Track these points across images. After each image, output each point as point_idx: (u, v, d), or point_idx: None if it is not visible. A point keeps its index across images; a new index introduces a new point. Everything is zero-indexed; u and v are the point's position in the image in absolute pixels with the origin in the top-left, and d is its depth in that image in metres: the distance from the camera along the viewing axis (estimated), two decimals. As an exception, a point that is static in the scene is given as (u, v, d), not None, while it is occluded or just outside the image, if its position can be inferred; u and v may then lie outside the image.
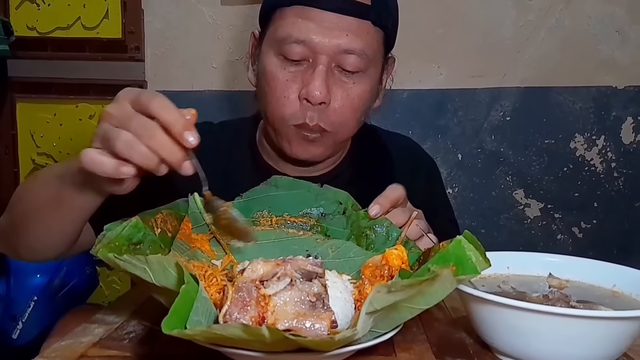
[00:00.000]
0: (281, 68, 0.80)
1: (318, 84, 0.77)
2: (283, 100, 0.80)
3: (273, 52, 0.81)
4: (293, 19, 0.78)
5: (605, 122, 1.60)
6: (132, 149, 0.51)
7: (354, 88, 0.81)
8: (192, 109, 0.53)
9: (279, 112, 0.81)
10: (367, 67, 0.81)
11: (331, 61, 0.79)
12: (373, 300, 0.41)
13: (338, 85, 0.80)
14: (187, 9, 1.58)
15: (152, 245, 0.55)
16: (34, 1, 1.58)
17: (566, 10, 1.56)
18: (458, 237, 0.49)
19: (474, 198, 1.63)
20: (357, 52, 0.78)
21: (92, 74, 1.59)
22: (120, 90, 0.56)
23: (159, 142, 0.52)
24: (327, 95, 0.78)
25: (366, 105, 0.84)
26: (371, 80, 0.83)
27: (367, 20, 0.79)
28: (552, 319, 0.48)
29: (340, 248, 0.65)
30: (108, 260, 0.46)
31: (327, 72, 0.78)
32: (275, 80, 0.80)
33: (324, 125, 0.80)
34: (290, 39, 0.78)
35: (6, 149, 1.64)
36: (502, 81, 1.59)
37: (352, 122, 0.83)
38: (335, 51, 0.78)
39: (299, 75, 0.79)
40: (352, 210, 0.68)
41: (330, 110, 0.80)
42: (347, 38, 0.78)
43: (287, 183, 0.69)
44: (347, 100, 0.80)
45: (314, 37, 0.77)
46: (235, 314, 0.44)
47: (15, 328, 1.27)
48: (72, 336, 0.56)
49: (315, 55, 0.78)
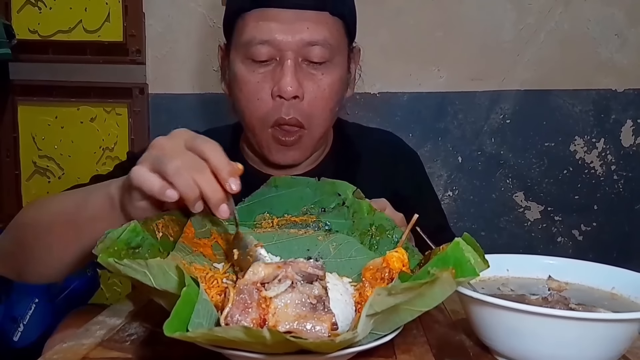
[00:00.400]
0: (250, 71, 0.83)
1: (289, 79, 0.80)
2: (257, 102, 0.83)
3: (240, 58, 0.84)
4: (254, 22, 0.82)
5: (604, 125, 1.61)
6: (180, 175, 0.54)
7: (324, 79, 0.84)
8: (240, 164, 0.58)
9: (255, 114, 0.84)
10: (333, 56, 0.84)
11: (297, 56, 0.82)
12: (373, 303, 0.41)
13: (308, 78, 0.83)
14: (188, 12, 1.58)
15: (151, 249, 0.55)
16: (35, 4, 1.58)
17: (565, 13, 1.56)
18: (457, 240, 0.49)
19: (474, 201, 1.64)
20: (321, 43, 0.82)
21: (93, 76, 1.60)
22: (176, 129, 0.60)
23: (205, 178, 0.55)
24: (299, 88, 0.81)
25: (338, 94, 0.87)
26: (339, 69, 0.86)
27: (324, 11, 0.83)
28: (550, 321, 0.48)
29: (341, 244, 0.65)
30: (108, 265, 0.46)
31: (296, 67, 0.81)
32: (247, 84, 0.83)
33: (300, 118, 0.83)
34: (254, 41, 0.81)
35: (7, 151, 1.64)
36: (502, 84, 1.59)
37: (326, 113, 0.86)
38: (300, 45, 0.81)
39: (268, 75, 0.82)
40: (354, 198, 0.68)
41: (304, 103, 0.83)
42: (309, 31, 0.81)
43: (286, 182, 0.70)
44: (318, 92, 0.83)
45: (277, 35, 0.80)
46: (237, 316, 0.45)
47: (16, 330, 1.27)
48: (74, 338, 0.56)
49: (281, 52, 0.81)
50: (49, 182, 1.63)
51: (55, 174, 1.63)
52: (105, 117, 1.61)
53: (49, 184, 1.63)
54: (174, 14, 1.59)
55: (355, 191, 0.69)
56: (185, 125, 0.64)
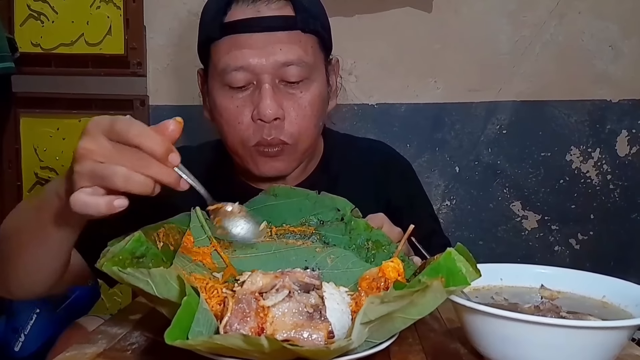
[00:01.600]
0: (229, 97, 0.83)
1: (268, 102, 0.80)
2: (238, 126, 0.83)
3: (218, 85, 0.84)
4: (227, 49, 0.82)
5: (600, 135, 1.63)
6: (130, 182, 0.52)
7: (303, 97, 0.83)
8: (177, 117, 0.55)
9: (237, 138, 0.84)
10: (310, 73, 0.83)
11: (274, 77, 0.81)
12: (367, 311, 0.43)
13: (287, 99, 0.83)
14: (189, 25, 1.60)
15: (155, 258, 0.57)
16: (38, 18, 1.61)
17: (560, 25, 1.59)
18: (449, 250, 0.51)
19: (472, 210, 1.65)
20: (296, 62, 0.81)
21: (95, 89, 1.62)
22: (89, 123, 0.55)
23: (150, 170, 0.53)
24: (278, 110, 0.81)
25: (319, 110, 0.87)
26: (318, 84, 0.85)
27: (295, 30, 0.82)
28: (542, 329, 0.49)
29: (339, 257, 0.66)
30: (112, 273, 0.48)
31: (273, 89, 0.81)
32: (227, 111, 0.83)
33: (284, 137, 0.83)
34: (229, 68, 0.81)
35: (9, 163, 1.65)
36: (498, 95, 1.61)
37: (310, 129, 0.86)
38: (275, 67, 0.81)
39: (247, 100, 0.82)
40: (351, 216, 0.69)
41: (286, 123, 0.83)
42: (282, 52, 0.81)
43: (285, 192, 0.71)
44: (300, 110, 0.83)
45: (251, 60, 0.80)
46: (236, 325, 0.46)
47: (18, 340, 1.28)
48: (76, 347, 0.58)
49: (258, 76, 0.81)
50: (51, 193, 1.65)
51: (56, 185, 1.65)
52: (106, 129, 1.63)
53: (51, 195, 1.65)
54: (174, 27, 1.61)
55: (354, 209, 0.70)
56: (186, 136, 0.63)
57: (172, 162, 0.54)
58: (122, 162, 0.52)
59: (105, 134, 0.54)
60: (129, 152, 0.53)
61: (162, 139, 0.53)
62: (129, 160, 0.52)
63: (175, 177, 0.54)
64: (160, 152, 0.53)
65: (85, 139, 0.54)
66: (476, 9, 1.59)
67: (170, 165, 0.54)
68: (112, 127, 0.53)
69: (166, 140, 0.54)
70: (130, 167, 0.52)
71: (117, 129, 0.53)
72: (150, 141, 0.53)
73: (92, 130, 0.54)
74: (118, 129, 0.53)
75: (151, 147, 0.52)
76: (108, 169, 0.52)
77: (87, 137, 0.54)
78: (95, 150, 0.53)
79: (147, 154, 0.53)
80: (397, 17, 1.59)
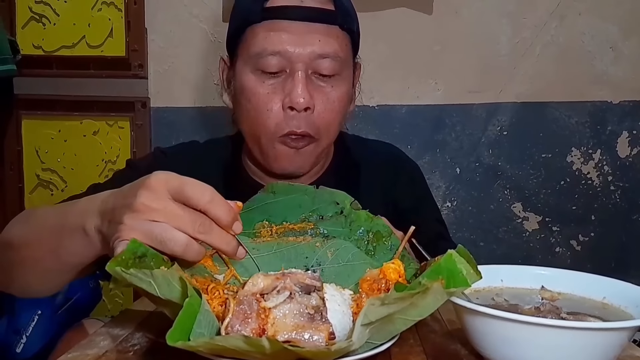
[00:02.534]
0: (260, 82, 0.82)
1: (300, 90, 0.80)
2: (267, 113, 0.82)
3: (249, 69, 0.83)
4: (265, 33, 0.82)
5: (601, 136, 1.63)
6: (188, 250, 0.51)
7: (333, 92, 0.84)
8: (240, 202, 0.57)
9: (264, 126, 0.83)
10: (342, 69, 0.84)
11: (307, 68, 0.82)
12: (367, 312, 0.43)
13: (318, 91, 0.83)
14: (190, 28, 1.61)
15: (155, 257, 0.57)
16: (40, 20, 1.61)
17: (560, 27, 1.59)
18: (449, 251, 0.51)
19: (473, 211, 1.65)
20: (331, 56, 0.82)
21: (96, 91, 1.62)
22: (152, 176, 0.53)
23: (212, 237, 0.53)
24: (310, 100, 0.81)
25: (345, 108, 0.87)
26: (346, 83, 0.86)
27: (334, 25, 0.83)
28: (542, 330, 0.49)
29: (338, 249, 0.66)
30: (115, 273, 0.48)
31: (306, 79, 0.81)
32: (256, 96, 0.82)
33: (311, 130, 0.83)
34: (265, 52, 0.81)
35: (11, 164, 1.66)
36: (499, 96, 1.62)
37: (334, 126, 0.86)
38: (311, 57, 0.81)
39: (278, 87, 0.82)
40: (351, 208, 0.69)
41: (314, 115, 0.82)
42: (320, 43, 0.81)
43: (283, 188, 0.70)
44: (328, 104, 0.83)
45: (288, 47, 0.80)
46: (237, 326, 0.46)
47: (19, 342, 1.28)
48: (78, 349, 0.58)
49: (292, 64, 0.81)
50: (52, 194, 1.65)
51: (58, 187, 1.65)
52: (107, 131, 1.64)
53: (52, 197, 1.65)
54: (175, 30, 1.62)
55: (353, 202, 0.70)
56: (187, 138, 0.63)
57: (236, 230, 0.54)
58: (184, 226, 0.51)
59: (172, 194, 0.52)
60: (194, 217, 0.52)
61: (230, 207, 0.54)
62: (192, 224, 0.51)
63: (234, 245, 0.55)
64: (227, 220, 0.53)
65: (147, 195, 0.51)
66: (476, 10, 1.59)
67: (233, 233, 0.54)
68: (182, 189, 0.52)
69: (232, 210, 0.54)
70: (192, 232, 0.51)
71: (188, 194, 0.52)
72: (220, 208, 0.52)
73: (157, 187, 0.52)
74: (190, 194, 0.52)
75: (220, 214, 0.52)
76: (168, 232, 0.51)
77: (149, 193, 0.52)
78: (158, 209, 0.51)
79: (212, 222, 0.52)
80: (397, 18, 1.60)
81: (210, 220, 0.53)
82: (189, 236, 0.51)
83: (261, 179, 0.93)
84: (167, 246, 0.51)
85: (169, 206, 0.51)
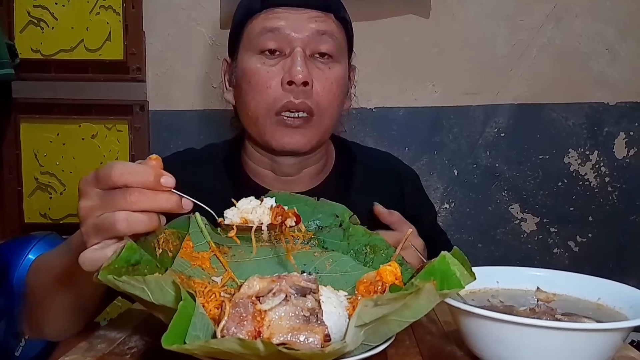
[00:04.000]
0: (260, 62, 0.86)
1: (299, 66, 0.83)
2: (266, 90, 0.85)
3: (250, 54, 0.87)
4: (265, 17, 0.86)
5: (598, 137, 1.63)
6: (133, 223, 0.52)
7: (331, 72, 0.86)
8: (153, 155, 0.55)
9: (263, 101, 0.85)
10: (337, 53, 0.87)
11: (306, 48, 0.85)
12: (361, 314, 0.43)
13: (316, 71, 0.86)
14: (188, 31, 1.62)
15: (149, 264, 0.57)
16: (38, 24, 1.62)
17: (557, 29, 1.60)
18: (443, 253, 0.51)
19: (471, 213, 1.65)
20: (328, 33, 0.86)
21: (94, 94, 1.63)
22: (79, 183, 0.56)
23: (151, 201, 0.52)
24: (309, 75, 0.83)
25: (342, 93, 0.90)
26: (342, 69, 0.89)
27: (330, 12, 0.87)
28: (536, 331, 0.50)
29: (337, 262, 0.67)
30: (108, 282, 0.48)
31: (305, 58, 0.84)
32: (256, 75, 0.85)
33: (310, 103, 0.84)
34: (264, 30, 0.85)
35: (10, 168, 1.66)
36: (496, 98, 1.62)
37: (332, 107, 0.88)
38: (309, 35, 0.85)
39: (279, 67, 0.85)
40: (350, 222, 0.70)
41: (313, 92, 0.85)
42: (317, 23, 0.85)
43: (284, 198, 0.71)
44: (326, 83, 0.86)
45: (286, 28, 0.84)
46: (233, 329, 0.46)
47: (18, 345, 1.29)
48: (76, 352, 0.58)
49: (291, 44, 0.85)
50: (51, 198, 1.65)
51: (56, 190, 1.66)
52: (106, 134, 1.64)
53: (51, 200, 1.65)
54: (173, 33, 1.62)
55: (352, 217, 0.70)
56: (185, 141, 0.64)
57: (166, 184, 0.53)
58: (118, 206, 0.52)
59: (94, 186, 0.54)
60: (121, 194, 0.52)
61: (147, 168, 0.53)
62: (124, 201, 0.52)
63: (175, 200, 0.54)
64: (150, 180, 0.53)
65: (80, 200, 0.55)
66: (473, 13, 1.60)
67: (166, 189, 0.53)
68: (96, 177, 0.54)
69: (151, 168, 0.53)
70: (129, 208, 0.52)
71: (100, 177, 0.53)
72: (137, 175, 0.52)
73: (82, 188, 0.55)
74: (101, 176, 0.53)
75: (139, 179, 0.52)
76: (108, 218, 0.52)
77: (81, 197, 0.55)
78: (91, 205, 0.54)
79: (138, 189, 0.52)
80: (394, 21, 1.60)
81: (137, 189, 0.52)
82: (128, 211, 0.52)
83: (263, 182, 0.94)
84: (115, 229, 0.52)
85: (98, 198, 0.54)
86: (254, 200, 0.61)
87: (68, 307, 0.72)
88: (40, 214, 1.66)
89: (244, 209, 0.59)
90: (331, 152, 0.99)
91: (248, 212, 0.59)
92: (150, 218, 0.53)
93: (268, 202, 0.61)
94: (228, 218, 0.59)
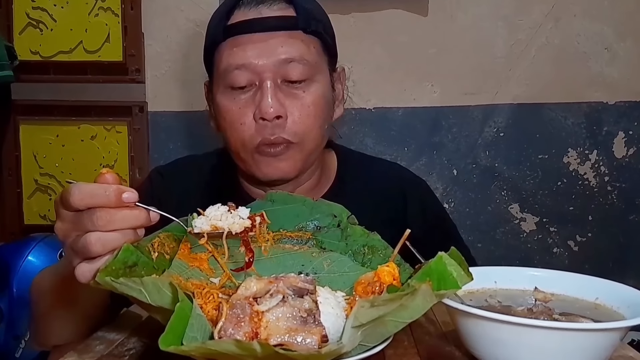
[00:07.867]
0: (231, 99, 0.83)
1: (269, 99, 0.80)
2: (240, 127, 0.82)
3: (221, 89, 0.84)
4: (229, 50, 0.82)
5: (597, 137, 1.63)
6: (106, 243, 0.53)
7: (307, 96, 0.83)
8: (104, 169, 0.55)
9: (240, 139, 0.83)
10: (312, 73, 0.83)
11: (276, 77, 0.81)
12: (358, 315, 0.43)
13: (291, 98, 0.82)
14: (186, 33, 1.62)
15: (146, 266, 0.57)
16: (37, 26, 1.62)
17: (555, 29, 1.60)
18: (440, 254, 0.51)
19: (470, 213, 1.65)
20: (297, 59, 0.81)
21: (93, 96, 1.63)
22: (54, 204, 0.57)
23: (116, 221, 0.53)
24: (280, 108, 0.80)
25: (324, 112, 0.85)
26: (321, 86, 0.85)
27: (297, 30, 0.83)
28: (533, 331, 0.50)
29: (335, 262, 0.67)
30: (105, 283, 0.48)
31: (275, 88, 0.81)
32: (229, 113, 0.83)
33: (287, 136, 0.82)
34: (231, 67, 0.81)
35: (9, 170, 1.66)
36: (495, 98, 1.62)
37: (315, 130, 0.84)
38: (277, 65, 0.81)
39: (250, 101, 0.82)
40: (348, 223, 0.70)
41: (289, 122, 0.82)
42: (283, 49, 0.81)
43: (282, 197, 0.71)
44: (303, 109, 0.82)
45: (252, 59, 0.81)
46: (230, 330, 0.47)
47: (18, 347, 1.29)
48: (74, 353, 0.58)
49: (259, 76, 0.81)
50: (50, 199, 1.66)
51: (56, 192, 1.66)
52: (105, 135, 1.64)
53: (50, 202, 1.65)
54: (172, 34, 1.62)
55: (350, 217, 0.70)
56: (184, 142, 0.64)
57: (129, 200, 0.53)
58: (87, 228, 0.53)
59: (65, 209, 0.55)
60: (87, 217, 0.53)
61: (106, 188, 0.53)
62: (91, 224, 0.52)
63: (143, 216, 0.54)
64: (112, 200, 0.53)
65: (56, 221, 0.56)
66: (472, 13, 1.60)
67: (127, 204, 0.53)
68: (63, 200, 0.54)
69: (110, 187, 0.53)
70: (98, 229, 0.52)
71: (64, 201, 0.54)
72: (97, 197, 0.53)
73: (56, 208, 0.56)
74: (64, 200, 0.53)
75: (100, 201, 0.53)
76: (81, 241, 0.53)
77: (56, 219, 0.56)
78: (65, 227, 0.55)
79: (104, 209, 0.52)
80: (393, 21, 1.60)
81: (102, 209, 0.52)
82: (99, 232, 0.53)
83: (256, 193, 0.92)
84: (89, 251, 0.53)
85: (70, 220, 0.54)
86: (221, 207, 0.61)
87: (73, 318, 0.72)
88: (40, 216, 1.66)
89: (214, 216, 0.59)
90: (330, 163, 0.95)
91: (217, 219, 0.59)
92: (124, 234, 0.53)
93: (243, 212, 0.61)
94: (197, 227, 0.59)
